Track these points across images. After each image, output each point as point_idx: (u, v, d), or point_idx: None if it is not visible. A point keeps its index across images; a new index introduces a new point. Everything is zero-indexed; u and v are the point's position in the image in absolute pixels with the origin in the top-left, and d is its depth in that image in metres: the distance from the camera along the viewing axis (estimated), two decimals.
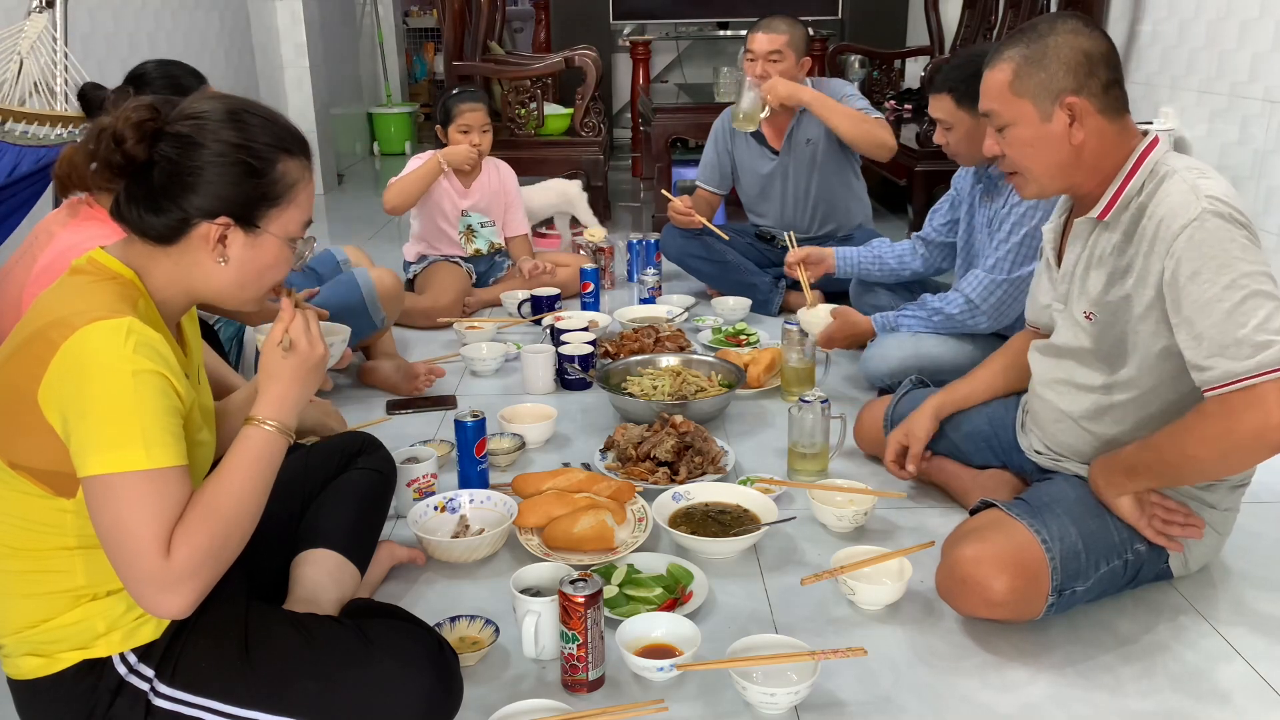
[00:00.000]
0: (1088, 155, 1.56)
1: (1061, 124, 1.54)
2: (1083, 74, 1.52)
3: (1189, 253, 1.44)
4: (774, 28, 3.16)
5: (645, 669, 1.48)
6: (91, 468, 1.08)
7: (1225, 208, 1.44)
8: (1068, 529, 1.56)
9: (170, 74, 2.17)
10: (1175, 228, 1.45)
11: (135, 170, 1.18)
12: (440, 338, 3.07)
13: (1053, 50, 1.52)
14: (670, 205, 3.31)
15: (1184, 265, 1.44)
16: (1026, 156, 1.59)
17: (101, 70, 3.39)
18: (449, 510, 1.92)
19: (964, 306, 2.34)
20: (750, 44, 3.18)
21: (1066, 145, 1.55)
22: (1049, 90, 1.53)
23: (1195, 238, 1.43)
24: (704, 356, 2.65)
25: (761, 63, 3.14)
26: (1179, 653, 1.58)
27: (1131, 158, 1.56)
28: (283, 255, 1.26)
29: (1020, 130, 1.57)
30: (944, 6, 5.13)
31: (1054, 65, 1.52)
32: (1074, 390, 1.68)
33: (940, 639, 1.61)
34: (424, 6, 7.90)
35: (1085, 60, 1.52)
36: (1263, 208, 2.93)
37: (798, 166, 3.28)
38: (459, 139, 3.33)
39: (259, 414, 1.23)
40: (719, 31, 5.80)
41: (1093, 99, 1.53)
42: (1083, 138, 1.54)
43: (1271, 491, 2.04)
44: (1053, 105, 1.53)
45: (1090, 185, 1.60)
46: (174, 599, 1.11)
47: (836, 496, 1.95)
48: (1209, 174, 1.51)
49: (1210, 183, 1.48)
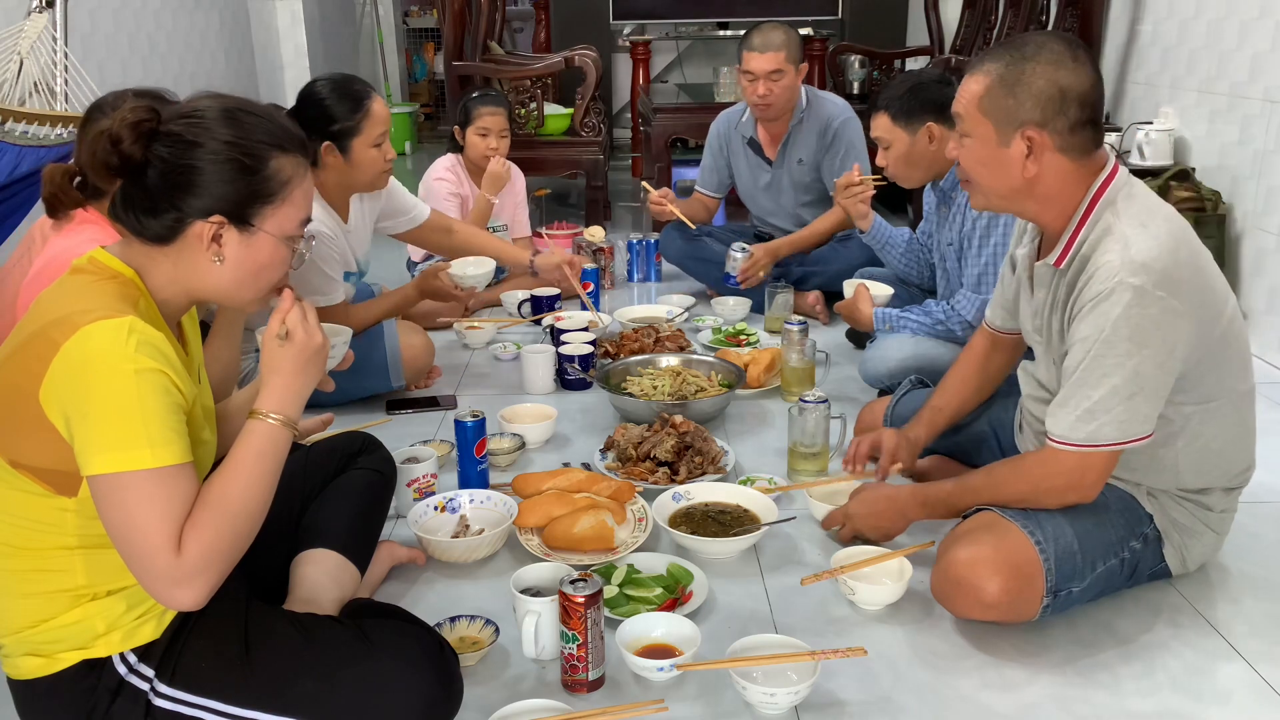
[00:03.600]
0: (1040, 189, 1.54)
1: (1018, 153, 1.51)
2: (1051, 110, 1.49)
3: (1090, 317, 1.47)
4: (770, 44, 3.06)
5: (645, 669, 1.48)
6: (97, 467, 1.09)
7: (1148, 278, 1.43)
8: (1063, 529, 1.56)
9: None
10: (1091, 294, 1.47)
11: (131, 171, 1.18)
12: (440, 338, 3.07)
13: (1029, 77, 1.49)
14: (649, 195, 3.29)
15: (1080, 328, 1.49)
16: (977, 173, 1.58)
17: (101, 70, 3.40)
18: (449, 510, 1.92)
19: (965, 327, 2.35)
20: (748, 64, 3.09)
21: (1018, 175, 1.53)
22: (1012, 118, 1.50)
23: (1099, 308, 1.46)
24: (704, 356, 2.65)
25: (764, 82, 3.09)
26: (1178, 652, 1.58)
27: (1087, 197, 1.53)
28: (279, 254, 1.26)
29: (977, 146, 1.56)
30: (944, 6, 5.13)
31: (1024, 94, 1.49)
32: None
33: (940, 639, 1.61)
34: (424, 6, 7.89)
35: (1058, 95, 1.48)
36: (1263, 208, 2.93)
37: (791, 178, 3.29)
38: (476, 141, 3.34)
39: (262, 407, 1.22)
40: (719, 31, 5.80)
41: (1055, 136, 1.50)
42: (1036, 171, 1.52)
43: (1271, 491, 2.04)
44: (1013, 133, 1.51)
45: (1046, 219, 1.59)
46: (188, 593, 1.12)
47: (835, 496, 1.95)
48: (1151, 223, 1.48)
49: (1144, 243, 1.45)
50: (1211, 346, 1.53)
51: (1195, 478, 1.62)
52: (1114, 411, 1.47)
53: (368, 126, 2.37)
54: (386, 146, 2.43)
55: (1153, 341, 1.44)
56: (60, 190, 1.25)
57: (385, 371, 2.53)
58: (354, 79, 2.44)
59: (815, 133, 3.23)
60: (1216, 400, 1.57)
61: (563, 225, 4.01)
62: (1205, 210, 3.03)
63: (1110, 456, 1.52)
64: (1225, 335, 1.54)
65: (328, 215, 2.43)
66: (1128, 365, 1.45)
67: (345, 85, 2.38)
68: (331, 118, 2.35)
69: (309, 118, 2.34)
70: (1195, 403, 1.56)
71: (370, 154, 2.39)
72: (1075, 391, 1.50)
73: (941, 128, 2.34)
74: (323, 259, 2.38)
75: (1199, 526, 1.65)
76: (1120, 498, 1.63)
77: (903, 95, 2.35)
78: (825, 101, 3.26)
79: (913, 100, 2.34)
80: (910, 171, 2.41)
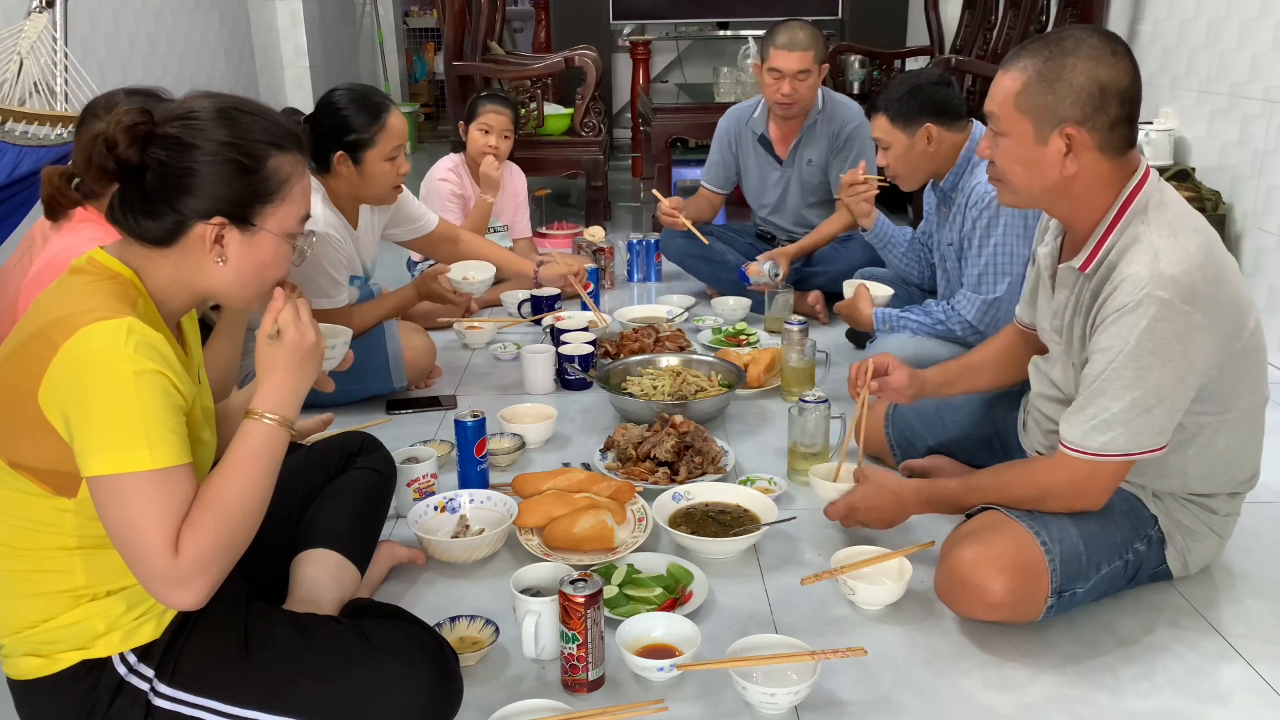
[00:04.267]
0: (1077, 189, 1.52)
1: (1056, 151, 1.48)
2: (1091, 107, 1.45)
3: (1114, 328, 1.45)
4: (799, 43, 3.04)
5: (645, 669, 1.47)
6: (96, 468, 1.09)
7: (1175, 292, 1.41)
8: (1068, 530, 1.56)
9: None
10: (1116, 305, 1.46)
11: (128, 174, 1.17)
12: (440, 338, 3.07)
13: (1068, 73, 1.45)
14: (659, 205, 3.29)
15: (1102, 338, 1.47)
16: (1013, 172, 1.55)
17: (101, 70, 3.40)
18: (449, 510, 1.91)
19: (965, 328, 2.36)
20: (775, 62, 3.07)
21: (1056, 173, 1.50)
22: (1052, 115, 1.47)
23: (1125, 320, 1.44)
24: (704, 356, 2.65)
25: (790, 81, 3.08)
26: (1179, 653, 1.58)
27: (1118, 201, 1.51)
28: (281, 252, 1.26)
29: (1013, 145, 1.52)
30: (944, 6, 5.13)
31: (1064, 90, 1.45)
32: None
33: (940, 639, 1.61)
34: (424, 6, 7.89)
35: (1099, 92, 1.45)
36: (1263, 208, 2.93)
37: (800, 179, 3.30)
38: (476, 137, 3.35)
39: (258, 407, 1.22)
40: (719, 31, 5.80)
41: (1095, 134, 1.47)
42: (1075, 170, 1.49)
43: (1271, 491, 2.03)
44: (1051, 131, 1.48)
45: (1076, 219, 1.56)
46: (187, 593, 1.13)
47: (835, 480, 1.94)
48: (1181, 234, 1.46)
49: (1173, 255, 1.43)
50: (1232, 359, 1.51)
51: (1203, 483, 1.62)
52: (1131, 424, 1.46)
53: (383, 140, 2.36)
54: (400, 160, 2.43)
55: (1175, 356, 1.43)
56: (58, 192, 1.25)
57: (386, 372, 2.53)
58: (374, 90, 2.45)
59: (828, 135, 3.23)
60: (1233, 411, 1.56)
61: (563, 225, 4.01)
62: (1205, 210, 3.03)
63: (1122, 467, 1.51)
64: (1246, 347, 1.53)
65: (337, 220, 2.43)
66: (1149, 379, 1.44)
67: (364, 97, 2.38)
68: (348, 128, 2.34)
69: (326, 126, 2.34)
70: (1213, 413, 1.55)
71: (383, 167, 2.39)
72: (1093, 401, 1.48)
73: (940, 129, 2.34)
74: (329, 262, 2.38)
75: (1203, 529, 1.65)
76: (1125, 499, 1.62)
77: (901, 97, 2.35)
78: (840, 104, 3.26)
79: (911, 102, 2.35)
80: (909, 172, 2.42)
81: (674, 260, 3.47)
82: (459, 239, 2.92)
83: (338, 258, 2.41)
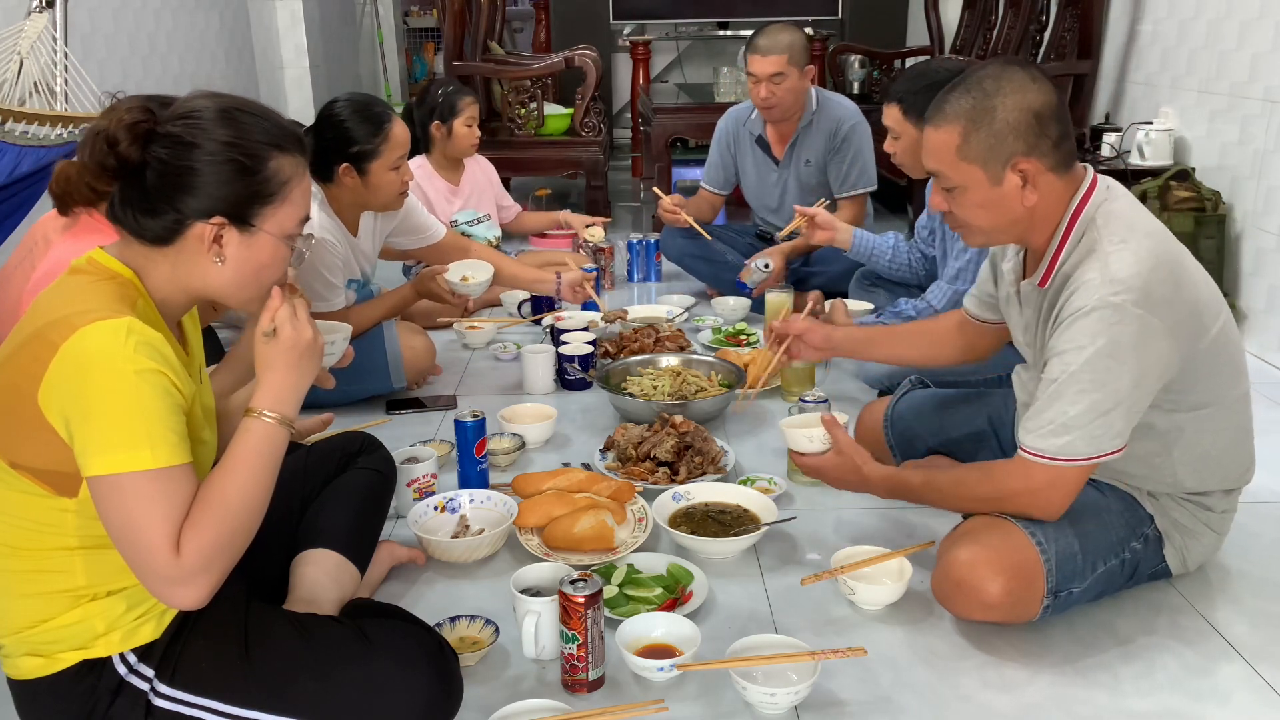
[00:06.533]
0: (1039, 213, 1.54)
1: (1013, 186, 1.50)
2: (1033, 135, 1.48)
3: (1069, 333, 1.46)
4: (773, 45, 3.03)
5: (645, 669, 1.48)
6: (96, 468, 1.09)
7: (1129, 296, 1.43)
8: (1064, 530, 1.56)
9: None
10: (1070, 310, 1.47)
11: (129, 172, 1.18)
12: (440, 338, 3.07)
13: (1002, 111, 1.47)
14: (660, 203, 3.29)
15: (1058, 343, 1.48)
16: (976, 217, 1.56)
17: (101, 70, 3.40)
18: (449, 510, 1.92)
19: (931, 315, 2.35)
20: (750, 66, 3.08)
21: (1018, 206, 1.52)
22: (999, 155, 1.49)
23: (1078, 324, 1.45)
24: (704, 356, 2.65)
25: (765, 84, 3.07)
26: (1178, 652, 1.58)
27: (1067, 214, 1.53)
28: (280, 253, 1.26)
29: (969, 194, 1.53)
30: (944, 6, 5.14)
31: (1003, 129, 1.47)
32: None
33: (940, 639, 1.61)
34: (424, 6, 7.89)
35: (1035, 120, 1.47)
36: (1263, 208, 2.93)
37: (798, 179, 3.30)
38: (465, 133, 3.34)
39: (257, 405, 1.22)
40: (719, 31, 5.80)
41: (1044, 158, 1.49)
42: (1035, 198, 1.51)
43: (1271, 491, 2.04)
44: (1003, 169, 1.49)
45: (1038, 240, 1.58)
46: (189, 593, 1.13)
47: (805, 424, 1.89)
48: (1131, 239, 1.47)
49: (1124, 260, 1.45)
50: (1198, 358, 1.52)
51: (1196, 482, 1.62)
52: (1089, 427, 1.46)
53: (387, 150, 2.36)
54: (405, 168, 2.43)
55: (1129, 359, 1.44)
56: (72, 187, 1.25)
57: (386, 372, 2.53)
58: (374, 100, 2.44)
59: (824, 135, 3.23)
60: (1209, 407, 1.57)
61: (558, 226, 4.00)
62: (1205, 210, 3.03)
63: (1082, 472, 1.51)
64: (1214, 345, 1.53)
65: (334, 225, 2.43)
66: (1106, 382, 1.45)
67: (366, 108, 2.37)
68: (351, 140, 2.34)
69: (328, 139, 2.34)
70: (1187, 410, 1.55)
71: (388, 177, 2.39)
72: (1050, 405, 1.49)
73: None
74: (324, 265, 2.37)
75: (1200, 527, 1.65)
76: (1121, 498, 1.63)
77: (918, 91, 2.32)
78: (835, 104, 3.25)
79: (927, 99, 2.33)
80: (916, 164, 2.40)
81: (674, 260, 3.47)
82: (469, 250, 2.92)
83: (333, 261, 2.40)
